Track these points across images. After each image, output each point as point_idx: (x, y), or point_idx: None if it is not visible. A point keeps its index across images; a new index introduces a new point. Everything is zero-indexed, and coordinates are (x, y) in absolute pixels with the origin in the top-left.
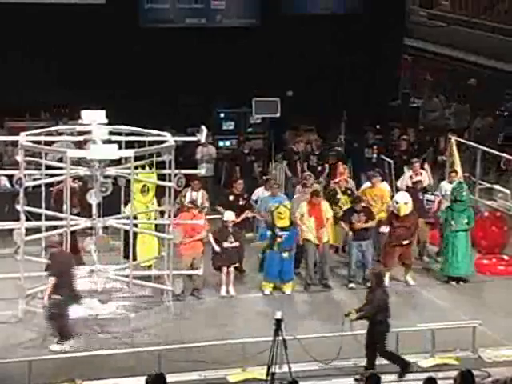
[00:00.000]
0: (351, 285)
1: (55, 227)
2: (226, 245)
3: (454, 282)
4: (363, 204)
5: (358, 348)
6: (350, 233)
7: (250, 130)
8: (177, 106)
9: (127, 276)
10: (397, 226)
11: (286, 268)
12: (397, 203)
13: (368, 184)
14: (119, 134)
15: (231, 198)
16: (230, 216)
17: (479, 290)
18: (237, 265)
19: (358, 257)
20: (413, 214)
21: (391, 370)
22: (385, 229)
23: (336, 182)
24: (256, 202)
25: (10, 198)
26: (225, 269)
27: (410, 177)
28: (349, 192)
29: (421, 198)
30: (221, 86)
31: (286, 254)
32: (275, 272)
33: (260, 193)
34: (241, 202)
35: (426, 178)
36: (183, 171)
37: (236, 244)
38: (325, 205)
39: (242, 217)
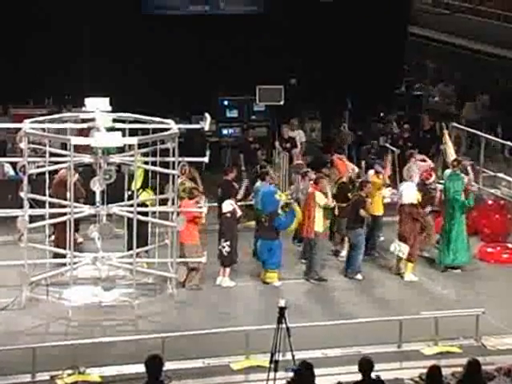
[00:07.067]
0: (358, 276)
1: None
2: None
3: (453, 270)
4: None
5: (361, 336)
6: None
7: (253, 117)
8: (180, 94)
9: (131, 263)
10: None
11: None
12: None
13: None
14: (123, 121)
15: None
16: (226, 207)
17: (483, 278)
18: None
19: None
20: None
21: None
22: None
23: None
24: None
25: (14, 185)
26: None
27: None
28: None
29: None
30: (224, 74)
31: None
32: (279, 260)
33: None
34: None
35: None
36: (187, 159)
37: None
38: (318, 194)
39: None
